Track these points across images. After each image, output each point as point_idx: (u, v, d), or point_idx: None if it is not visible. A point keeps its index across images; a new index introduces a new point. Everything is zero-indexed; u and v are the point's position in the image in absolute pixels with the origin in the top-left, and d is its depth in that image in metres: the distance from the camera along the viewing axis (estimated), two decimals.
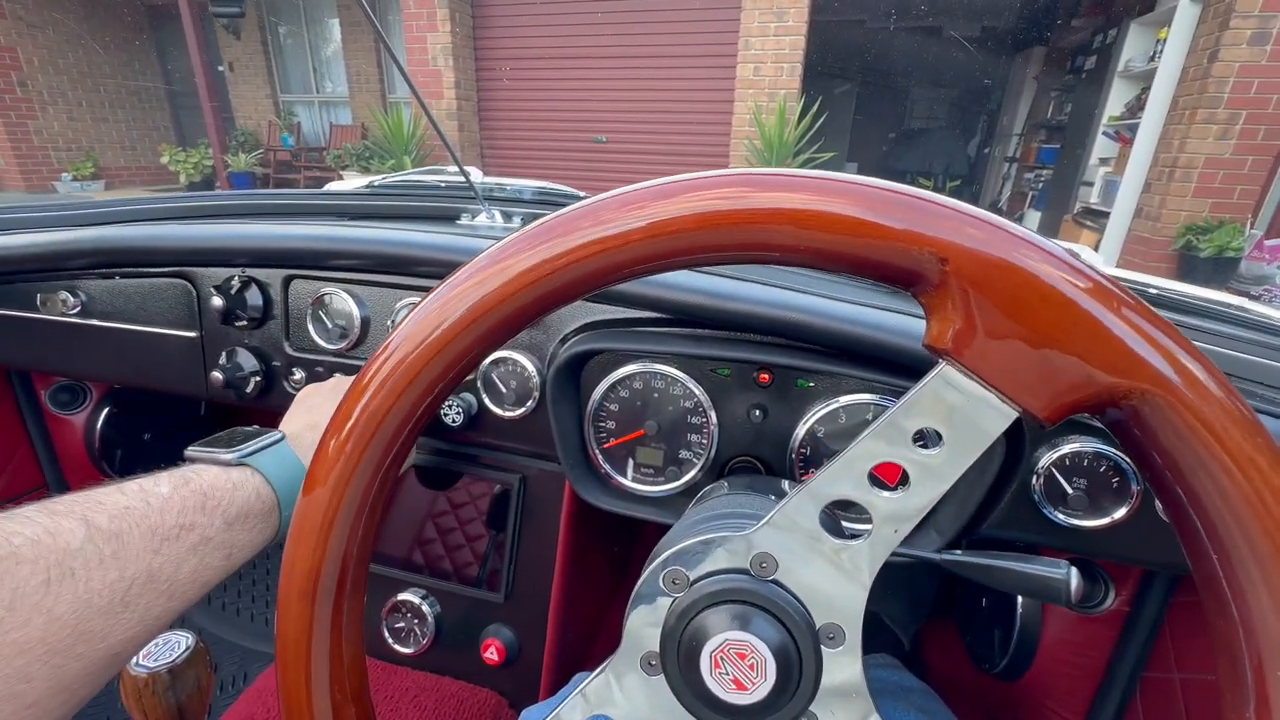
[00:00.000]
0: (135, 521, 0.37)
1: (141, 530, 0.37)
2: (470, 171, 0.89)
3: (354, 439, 0.29)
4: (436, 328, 0.28)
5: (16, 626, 0.30)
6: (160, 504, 0.39)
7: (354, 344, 0.74)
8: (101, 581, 0.34)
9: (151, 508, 0.38)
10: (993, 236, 0.24)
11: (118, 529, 0.36)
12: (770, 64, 5.65)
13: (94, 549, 0.34)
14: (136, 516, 0.37)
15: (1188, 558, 0.26)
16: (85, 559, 0.33)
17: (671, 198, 0.26)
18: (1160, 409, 0.23)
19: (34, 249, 0.81)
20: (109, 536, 0.35)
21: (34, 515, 0.34)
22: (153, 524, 0.38)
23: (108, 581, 0.34)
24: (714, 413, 0.63)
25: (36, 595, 0.31)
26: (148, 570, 0.36)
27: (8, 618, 0.30)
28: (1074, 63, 6.36)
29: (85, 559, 0.33)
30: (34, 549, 0.32)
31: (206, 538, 0.40)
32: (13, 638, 0.30)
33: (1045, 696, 0.82)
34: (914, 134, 8.39)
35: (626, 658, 0.32)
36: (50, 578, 0.32)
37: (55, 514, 0.35)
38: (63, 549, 0.33)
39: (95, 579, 0.33)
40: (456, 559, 0.81)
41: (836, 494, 0.28)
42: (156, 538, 0.37)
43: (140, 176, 8.87)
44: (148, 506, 0.38)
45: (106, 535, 0.35)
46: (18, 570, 0.31)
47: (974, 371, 0.25)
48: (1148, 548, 0.56)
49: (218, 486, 0.43)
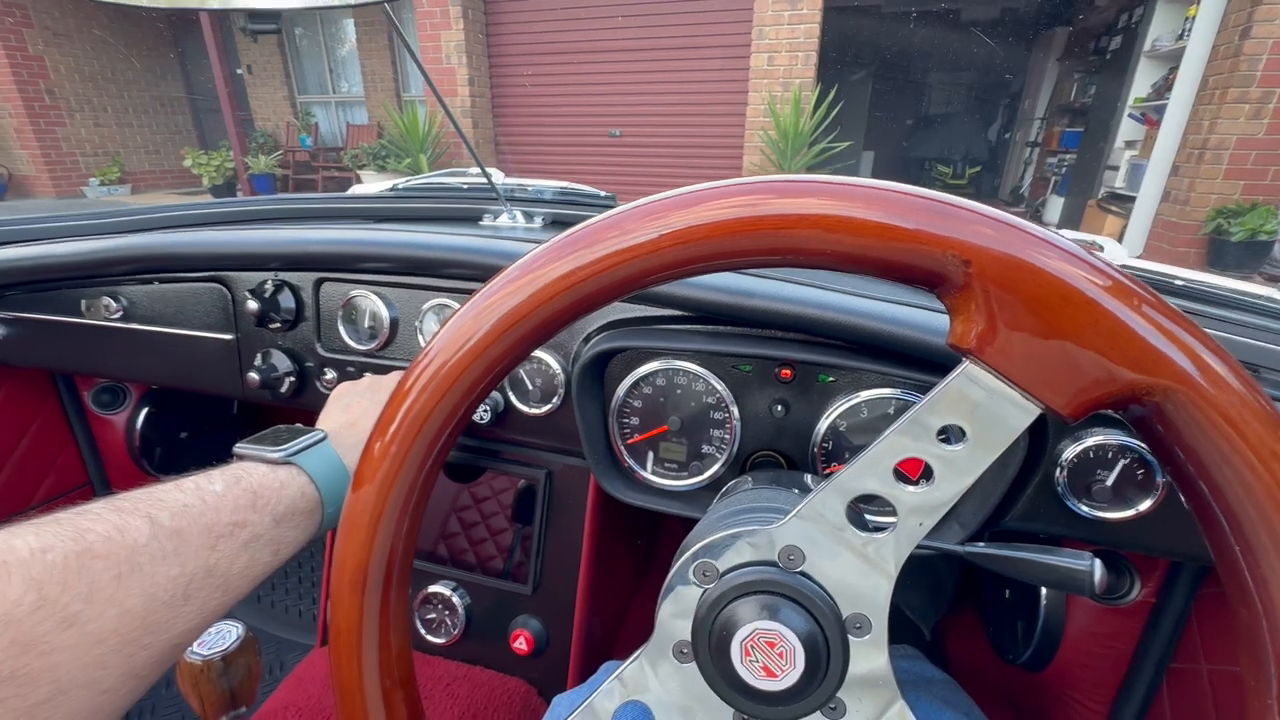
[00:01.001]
0: (194, 519, 0.39)
1: (199, 528, 0.39)
2: (492, 173, 0.90)
3: (398, 440, 0.31)
4: (474, 334, 0.29)
5: (93, 618, 0.32)
6: (215, 502, 0.41)
7: (384, 344, 0.76)
8: (165, 576, 0.36)
9: (208, 505, 0.40)
10: (1014, 238, 0.25)
11: (178, 526, 0.38)
12: (785, 53, 5.59)
13: (158, 545, 0.36)
14: (195, 514, 0.39)
15: (1210, 550, 0.26)
16: (151, 554, 0.35)
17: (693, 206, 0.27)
18: (1182, 404, 0.24)
19: (77, 256, 0.84)
20: (171, 534, 0.37)
21: (103, 513, 0.36)
22: (209, 521, 0.39)
23: (171, 576, 0.36)
24: (736, 408, 0.64)
25: (109, 589, 0.33)
26: (205, 566, 0.38)
27: (85, 610, 0.32)
28: (1098, 43, 6.19)
29: (151, 554, 0.35)
30: (106, 545, 0.34)
31: (257, 535, 0.42)
32: (90, 629, 0.32)
33: (1069, 687, 0.82)
34: (932, 121, 8.26)
35: (659, 646, 0.33)
36: (121, 572, 0.34)
37: (122, 511, 0.37)
38: (131, 545, 0.35)
39: (160, 573, 0.35)
40: (485, 552, 0.84)
41: (862, 488, 0.29)
42: (213, 535, 0.39)
43: (165, 180, 9.07)
44: (204, 504, 0.40)
45: (169, 532, 0.37)
46: (93, 565, 0.33)
47: (997, 369, 0.26)
48: (1174, 539, 0.56)
49: (267, 485, 0.45)
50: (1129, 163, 5.24)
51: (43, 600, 0.30)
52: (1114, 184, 5.46)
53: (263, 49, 8.58)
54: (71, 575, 0.32)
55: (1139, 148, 5.25)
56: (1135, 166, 5.08)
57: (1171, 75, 4.61)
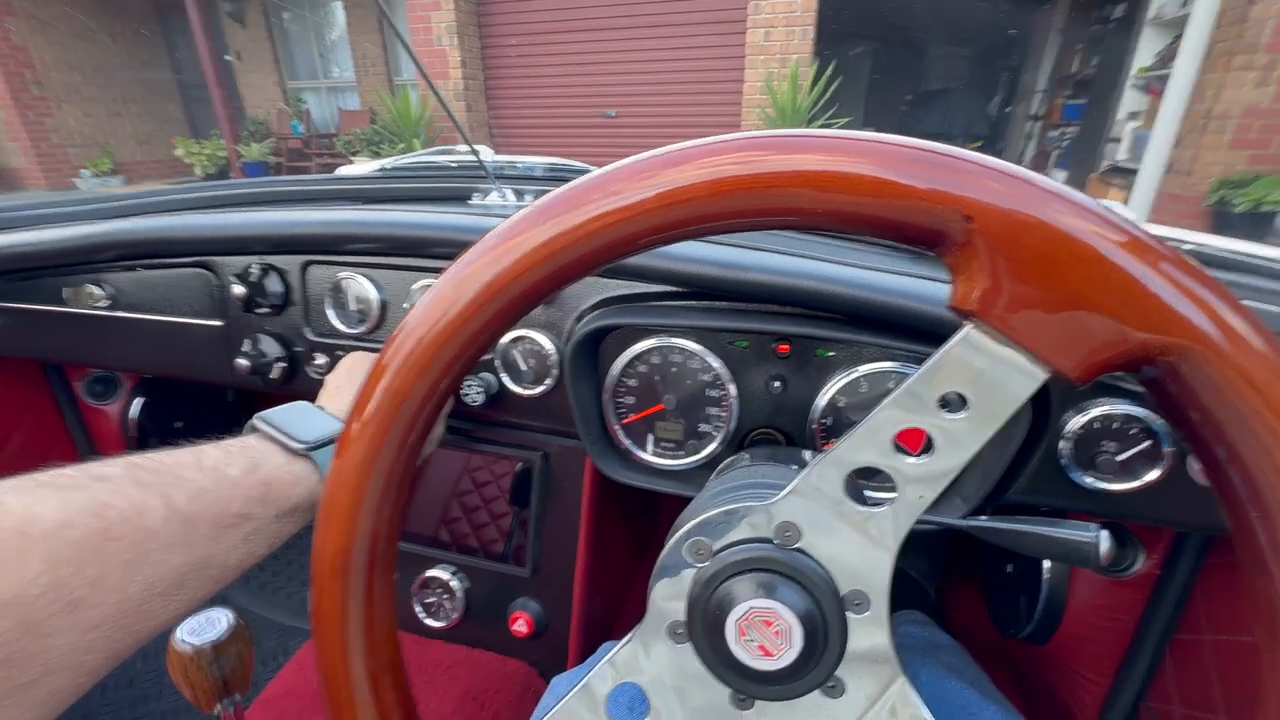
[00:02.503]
0: (207, 505, 0.38)
1: (210, 516, 0.38)
2: (480, 150, 0.88)
3: (376, 420, 0.30)
4: (451, 307, 0.28)
5: (96, 604, 0.31)
6: (230, 490, 0.40)
7: (373, 327, 0.75)
8: (168, 566, 0.35)
9: (222, 493, 0.39)
10: (1020, 192, 0.23)
11: (191, 512, 0.37)
12: (781, 28, 5.48)
13: (169, 531, 0.35)
14: (208, 500, 0.38)
15: (1225, 515, 0.25)
16: (161, 541, 0.35)
17: (683, 164, 0.26)
18: (1199, 365, 0.22)
19: (58, 244, 0.83)
20: (183, 519, 0.36)
21: (123, 484, 0.35)
22: (219, 511, 0.38)
23: (173, 566, 0.35)
24: (733, 385, 0.63)
25: (116, 575, 0.32)
26: (205, 556, 0.37)
27: (91, 595, 0.31)
28: (1101, 12, 6.07)
29: (161, 541, 0.35)
30: (123, 526, 0.33)
31: (258, 528, 0.41)
32: (90, 614, 0.31)
33: (1072, 659, 0.82)
34: (932, 95, 8.14)
35: (653, 627, 0.32)
36: (131, 559, 0.33)
37: (142, 485, 0.35)
38: (146, 530, 0.34)
39: (164, 563, 0.35)
40: (483, 535, 0.83)
41: (860, 461, 0.28)
42: (219, 525, 0.38)
43: (157, 170, 8.98)
44: (219, 491, 0.39)
45: (182, 518, 0.36)
46: (107, 549, 0.32)
47: (1002, 332, 0.25)
48: (1180, 510, 0.55)
49: (280, 479, 0.43)
50: (1132, 134, 5.16)
51: (55, 582, 0.29)
52: (1117, 156, 5.39)
53: (251, 34, 8.44)
54: (87, 557, 0.31)
55: (1142, 119, 5.17)
56: (1138, 138, 5.01)
57: (1176, 43, 4.52)
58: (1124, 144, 5.27)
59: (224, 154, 7.95)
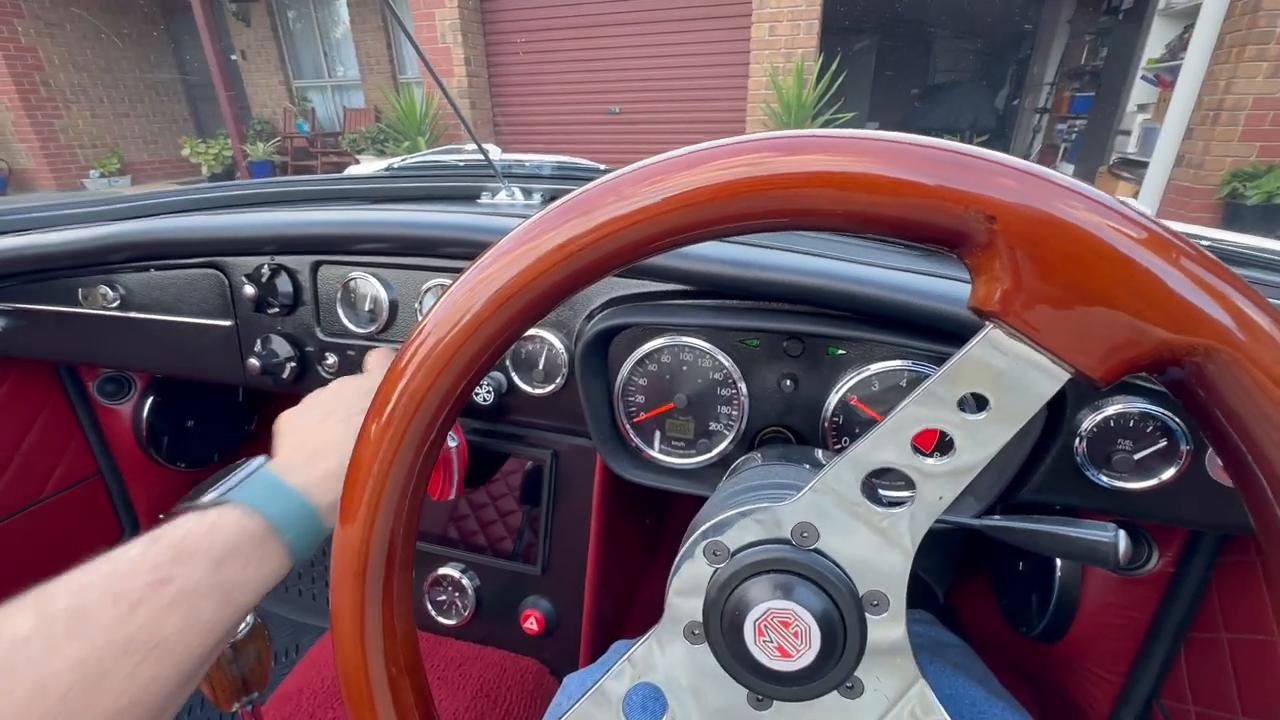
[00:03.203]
0: (98, 593, 0.36)
1: (104, 600, 0.36)
2: (488, 149, 0.88)
3: (395, 421, 0.30)
4: (467, 311, 0.28)
5: None
6: (129, 567, 0.38)
7: (383, 327, 0.75)
8: (63, 662, 0.33)
9: (119, 573, 0.37)
10: (1042, 191, 0.23)
11: (75, 605, 0.35)
12: (786, 22, 5.45)
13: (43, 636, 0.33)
14: (98, 589, 0.36)
15: (1251, 515, 0.25)
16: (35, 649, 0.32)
17: (699, 166, 0.25)
18: (1226, 365, 0.22)
19: (70, 245, 0.83)
20: (67, 615, 0.34)
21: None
22: (118, 590, 0.36)
23: (76, 658, 0.33)
24: (744, 384, 0.63)
25: None
26: (123, 638, 0.35)
27: None
28: (1110, 3, 6.01)
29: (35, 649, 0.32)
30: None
31: (191, 586, 0.39)
32: None
33: (1084, 658, 0.82)
34: (938, 89, 8.07)
35: (670, 627, 0.32)
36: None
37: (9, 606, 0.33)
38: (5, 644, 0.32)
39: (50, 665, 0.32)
40: (493, 534, 0.83)
41: (879, 461, 0.28)
42: (125, 602, 0.36)
43: (164, 170, 9.03)
44: (114, 572, 0.37)
45: (65, 614, 0.34)
46: None
47: (1023, 333, 0.24)
48: (1197, 509, 0.54)
49: (194, 532, 0.41)
50: (1141, 126, 5.11)
51: None
52: (1125, 149, 5.34)
53: (256, 34, 8.46)
54: None
55: (1152, 111, 5.11)
56: (1148, 130, 4.96)
57: (1187, 34, 4.47)
58: (1133, 136, 5.22)
59: (230, 153, 7.98)
